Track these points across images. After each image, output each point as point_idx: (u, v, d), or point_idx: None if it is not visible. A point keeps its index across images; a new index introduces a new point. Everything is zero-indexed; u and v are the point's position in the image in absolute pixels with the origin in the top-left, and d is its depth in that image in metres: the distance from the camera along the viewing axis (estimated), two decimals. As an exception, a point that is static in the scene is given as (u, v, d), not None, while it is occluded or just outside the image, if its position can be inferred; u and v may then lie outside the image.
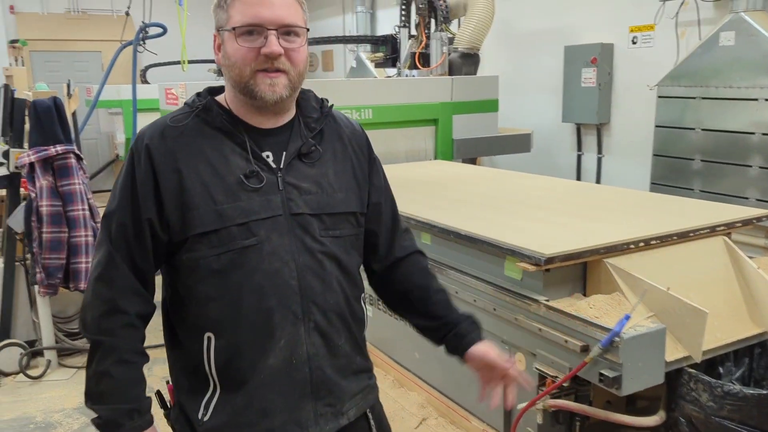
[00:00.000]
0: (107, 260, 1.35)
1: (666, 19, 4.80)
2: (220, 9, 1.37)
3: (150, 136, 1.37)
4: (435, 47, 5.34)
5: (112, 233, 1.36)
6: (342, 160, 1.49)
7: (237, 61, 1.33)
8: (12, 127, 3.82)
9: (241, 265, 1.33)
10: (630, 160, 5.39)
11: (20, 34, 9.53)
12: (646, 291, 1.85)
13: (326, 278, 1.40)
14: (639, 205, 2.70)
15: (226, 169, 1.35)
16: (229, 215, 1.32)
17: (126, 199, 1.35)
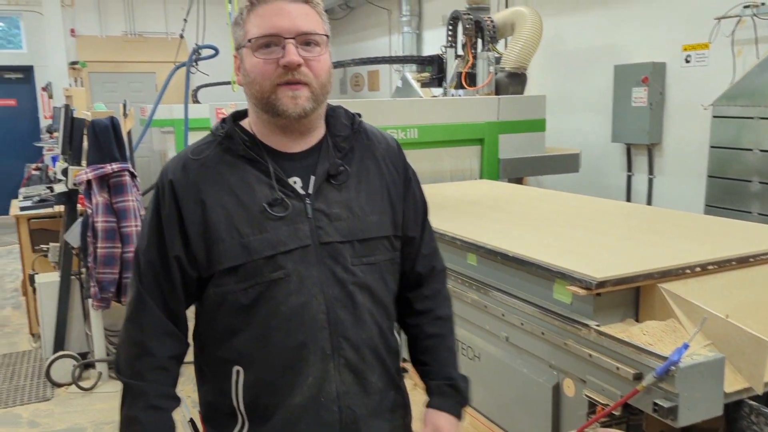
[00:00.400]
0: (137, 301, 1.33)
1: (721, 37, 4.69)
2: (237, 27, 1.33)
3: (173, 171, 1.32)
4: (482, 67, 5.33)
5: (141, 272, 1.33)
6: (375, 179, 1.41)
7: (256, 76, 1.27)
8: (71, 146, 3.97)
9: (268, 298, 1.28)
10: (683, 181, 5.25)
11: (80, 56, 9.94)
12: (706, 319, 1.78)
13: (357, 311, 1.33)
14: (694, 228, 2.62)
15: (251, 198, 1.29)
16: (255, 248, 1.27)
17: (153, 236, 1.32)
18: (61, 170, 3.99)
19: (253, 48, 1.27)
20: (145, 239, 1.34)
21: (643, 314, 2.06)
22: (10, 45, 10.22)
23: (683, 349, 1.65)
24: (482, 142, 4.76)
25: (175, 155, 1.39)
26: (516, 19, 5.48)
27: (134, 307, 1.33)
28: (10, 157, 9.92)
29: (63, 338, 4.08)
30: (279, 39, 1.26)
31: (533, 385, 2.21)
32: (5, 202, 5.87)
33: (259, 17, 1.27)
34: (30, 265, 4.54)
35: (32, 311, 4.70)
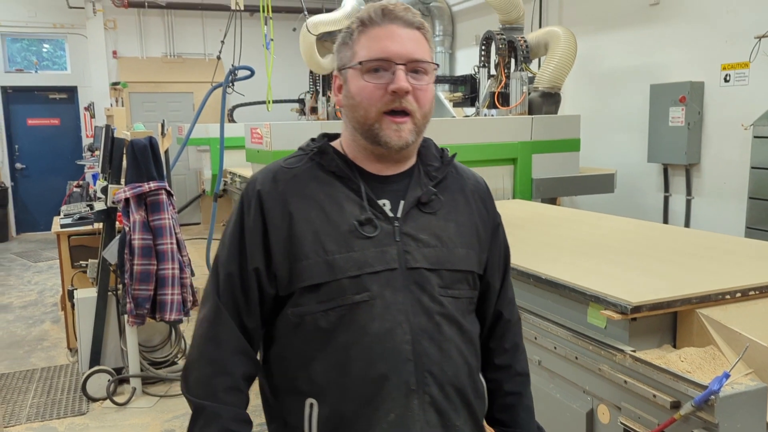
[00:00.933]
0: (214, 315, 1.26)
1: (762, 56, 4.60)
2: (344, 47, 1.29)
3: (262, 181, 1.29)
4: (515, 87, 5.32)
5: (220, 286, 1.27)
6: (464, 214, 1.37)
7: (362, 100, 1.23)
8: (111, 165, 4.06)
9: (349, 322, 1.21)
10: (722, 202, 5.12)
11: (121, 76, 10.23)
12: (747, 347, 1.73)
13: (444, 345, 1.25)
14: (735, 251, 2.55)
15: (340, 216, 1.24)
16: (340, 266, 1.21)
17: (234, 248, 1.27)
18: (101, 188, 4.09)
19: (361, 71, 1.24)
20: (226, 250, 1.28)
21: (681, 340, 2.01)
22: (55, 66, 10.57)
23: (724, 379, 1.60)
24: (515, 162, 4.73)
25: (264, 167, 1.35)
26: (549, 38, 5.46)
27: (211, 321, 1.26)
28: (54, 174, 10.21)
29: (99, 353, 4.15)
30: (389, 64, 1.22)
31: (566, 410, 2.17)
32: (49, 218, 6.04)
33: (370, 39, 1.24)
34: (69, 280, 4.64)
35: (70, 326, 4.79)
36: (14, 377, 4.50)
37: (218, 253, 1.31)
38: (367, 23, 1.26)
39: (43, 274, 7.65)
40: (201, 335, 1.27)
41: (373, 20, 1.25)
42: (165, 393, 4.09)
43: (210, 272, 1.32)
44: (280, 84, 7.20)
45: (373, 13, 1.25)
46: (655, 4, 5.60)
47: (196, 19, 10.71)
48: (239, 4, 6.12)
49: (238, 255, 1.26)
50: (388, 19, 1.24)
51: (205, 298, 1.30)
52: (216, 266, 1.30)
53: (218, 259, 1.30)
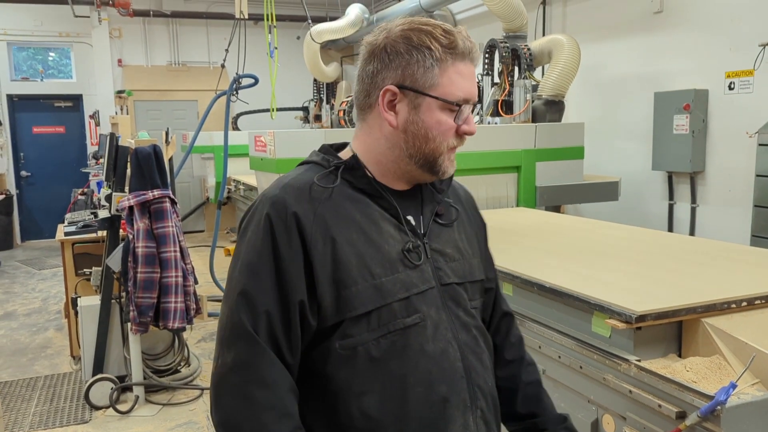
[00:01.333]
0: (257, 357, 1.10)
1: (766, 63, 4.59)
2: (420, 66, 1.17)
3: (295, 201, 1.16)
4: (518, 94, 5.32)
5: (257, 323, 1.11)
6: (467, 223, 1.39)
7: (437, 135, 1.19)
8: (115, 173, 4.07)
9: (403, 348, 1.15)
10: (728, 210, 5.10)
11: (126, 85, 10.29)
12: (755, 357, 1.71)
13: (482, 357, 1.27)
14: (740, 260, 2.53)
15: (380, 237, 1.19)
16: (389, 290, 1.15)
17: (269, 280, 1.13)
18: (105, 196, 4.10)
19: (443, 106, 1.18)
20: (258, 282, 1.13)
21: (686, 350, 1.99)
22: (60, 75, 10.62)
23: (731, 389, 1.58)
24: (519, 170, 4.72)
25: (279, 184, 1.21)
26: (553, 46, 5.46)
27: (254, 362, 1.10)
28: (58, 182, 10.25)
29: (102, 361, 4.14)
30: (465, 106, 1.21)
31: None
32: (53, 226, 6.05)
33: (459, 75, 1.18)
34: (73, 288, 4.65)
35: (73, 334, 4.79)
36: (17, 385, 4.50)
37: (245, 286, 1.14)
38: (458, 54, 1.18)
39: (47, 282, 7.67)
40: (242, 382, 1.10)
41: (463, 54, 1.19)
42: (168, 401, 4.08)
43: (233, 305, 1.14)
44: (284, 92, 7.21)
45: (463, 45, 1.19)
46: (659, 12, 5.61)
47: (201, 28, 10.76)
48: (243, 13, 6.15)
49: (275, 287, 1.13)
50: (471, 57, 1.21)
51: (233, 336, 1.12)
52: (245, 299, 1.13)
53: (246, 292, 1.13)
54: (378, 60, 1.19)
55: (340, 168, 1.22)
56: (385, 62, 1.18)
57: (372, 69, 1.20)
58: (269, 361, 1.11)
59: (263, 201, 1.18)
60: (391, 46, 1.18)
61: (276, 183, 1.22)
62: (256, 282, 1.13)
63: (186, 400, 4.09)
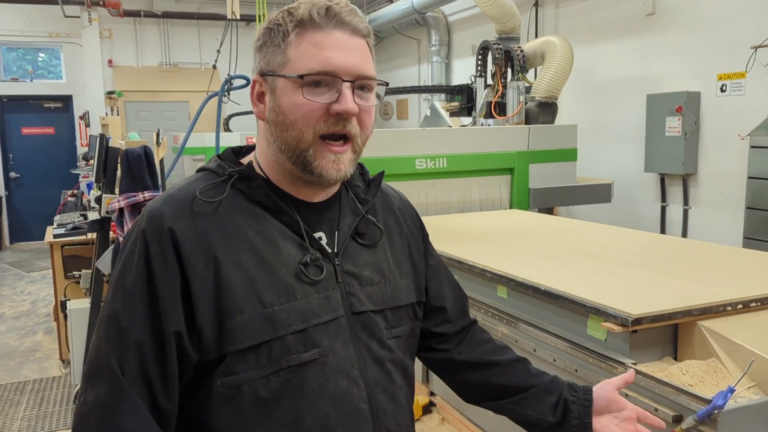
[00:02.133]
0: (115, 399, 0.94)
1: (758, 66, 4.60)
2: (272, 48, 1.04)
3: (173, 216, 1.00)
4: (511, 96, 5.31)
5: (123, 357, 0.95)
6: (398, 238, 1.22)
7: (297, 119, 1.01)
8: (105, 174, 4.03)
9: (298, 388, 1.00)
10: (720, 212, 5.12)
11: (117, 85, 10.21)
12: (753, 361, 1.70)
13: (397, 395, 1.11)
14: (735, 262, 2.53)
15: (276, 258, 1.03)
16: (282, 320, 0.99)
17: (141, 306, 0.96)
18: (95, 198, 4.05)
19: (299, 84, 1.01)
20: (128, 309, 0.96)
21: (682, 353, 1.98)
22: (50, 75, 10.55)
23: (729, 394, 1.57)
24: (512, 172, 4.72)
25: (164, 195, 1.06)
26: (546, 48, 5.46)
27: (110, 408, 0.93)
28: (48, 183, 10.17)
29: (92, 365, 4.09)
30: (334, 80, 1.01)
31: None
32: (43, 228, 6.00)
33: (312, 46, 1.01)
34: (62, 291, 4.60)
35: (63, 337, 4.74)
36: (6, 389, 4.44)
37: (112, 310, 0.97)
38: (306, 24, 1.02)
39: (36, 284, 7.59)
40: (98, 426, 0.94)
41: (315, 21, 1.02)
42: (158, 405, 4.04)
43: (97, 333, 0.98)
44: (277, 93, 7.25)
45: (315, 12, 1.02)
46: (651, 14, 5.62)
47: (192, 29, 10.71)
48: (235, 13, 6.12)
49: (148, 315, 0.96)
50: (334, 23, 1.02)
51: (96, 371, 0.96)
52: (112, 328, 0.97)
53: (115, 319, 0.97)
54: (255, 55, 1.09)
55: (232, 178, 1.06)
56: (256, 55, 1.08)
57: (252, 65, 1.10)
58: (131, 407, 0.94)
59: (143, 214, 1.03)
60: (258, 36, 1.08)
61: (163, 194, 1.07)
62: (127, 308, 0.97)
63: (177, 404, 4.05)
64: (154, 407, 0.96)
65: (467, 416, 3.03)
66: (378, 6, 9.70)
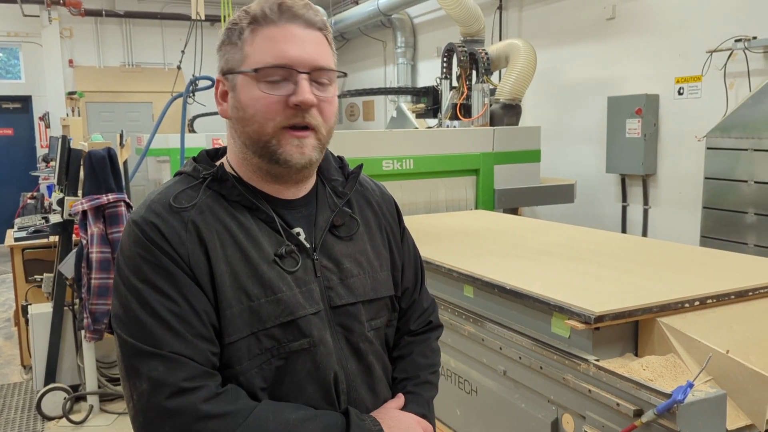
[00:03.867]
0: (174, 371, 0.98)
1: (714, 70, 4.75)
2: (230, 46, 1.08)
3: (158, 216, 1.03)
4: (476, 98, 5.38)
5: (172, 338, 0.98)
6: (377, 231, 1.24)
7: (257, 113, 1.04)
8: (68, 176, 3.96)
9: (288, 376, 1.05)
10: (678, 212, 5.27)
11: (78, 86, 10.00)
12: (711, 357, 1.77)
13: (376, 387, 1.15)
14: (692, 260, 2.61)
15: (258, 253, 1.06)
16: (268, 313, 1.04)
17: (166, 316, 0.99)
18: (57, 200, 3.98)
19: (256, 78, 1.04)
20: (155, 329, 0.99)
21: (643, 349, 2.04)
22: (9, 75, 10.27)
23: (688, 389, 1.63)
24: (477, 173, 4.78)
25: (145, 203, 1.08)
26: (510, 51, 5.55)
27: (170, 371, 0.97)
28: (6, 185, 9.91)
29: (54, 370, 4.02)
30: (290, 72, 1.04)
31: (532, 420, 2.18)
32: (2, 231, 5.86)
33: (266, 41, 1.04)
34: (23, 295, 4.49)
35: (24, 342, 4.64)
36: (-36, 397, 4.33)
37: (137, 307, 1.00)
38: (260, 20, 1.05)
39: (-6, 289, 7.39)
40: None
41: (268, 17, 1.05)
42: (124, 410, 3.98)
43: (128, 384, 1.01)
44: (242, 94, 7.22)
45: (268, 8, 1.05)
46: (612, 19, 5.75)
47: (156, 28, 10.55)
48: (200, 14, 6.06)
49: (178, 324, 1.00)
50: (287, 17, 1.05)
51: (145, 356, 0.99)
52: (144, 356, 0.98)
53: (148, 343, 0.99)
54: None
55: (206, 180, 1.09)
56: (217, 56, 1.11)
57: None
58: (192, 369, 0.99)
59: (130, 225, 1.05)
60: (219, 37, 1.11)
61: (142, 203, 1.10)
62: (153, 330, 0.99)
63: (143, 409, 4.00)
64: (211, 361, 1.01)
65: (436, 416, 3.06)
66: (344, 7, 9.70)
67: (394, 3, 8.00)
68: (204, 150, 1.20)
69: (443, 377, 2.69)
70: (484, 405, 2.45)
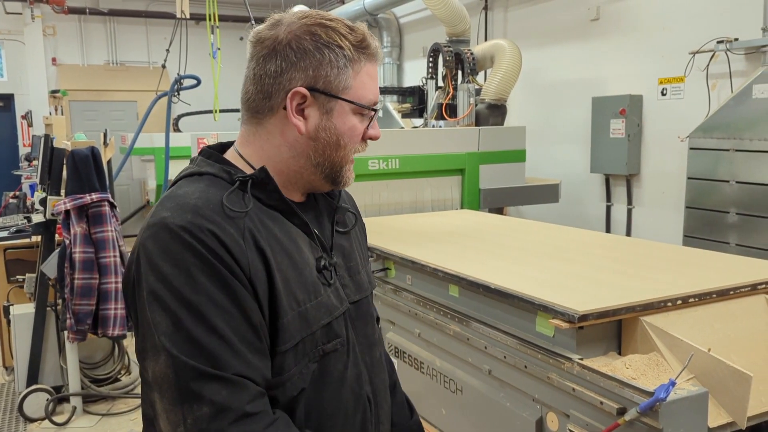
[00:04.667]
0: (234, 399, 0.95)
1: (696, 71, 4.80)
2: (333, 68, 1.06)
3: (212, 222, 0.98)
4: (462, 98, 5.40)
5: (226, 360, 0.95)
6: (358, 229, 1.31)
7: (349, 142, 1.10)
8: (50, 175, 3.92)
9: (320, 377, 1.07)
10: (662, 211, 5.32)
11: (61, 84, 9.90)
12: (693, 355, 1.79)
13: (383, 375, 1.21)
14: (675, 260, 2.64)
15: (300, 257, 1.08)
16: (313, 317, 1.06)
17: (225, 318, 0.96)
18: (40, 200, 3.94)
19: (353, 110, 1.09)
20: (215, 348, 0.95)
21: (626, 347, 2.06)
22: (-10, 73, 10.16)
23: (670, 387, 1.64)
24: (463, 173, 4.79)
25: (179, 205, 1.00)
26: (495, 51, 5.57)
27: (230, 410, 0.94)
28: (-13, 185, 9.79)
29: (37, 371, 3.98)
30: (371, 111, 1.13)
31: (516, 419, 2.19)
32: (-19, 231, 5.77)
33: (369, 78, 1.10)
34: (5, 296, 4.44)
35: (5, 343, 4.59)
36: (-56, 399, 4.27)
37: (196, 324, 0.95)
38: (372, 56, 1.10)
39: (-25, 290, 7.29)
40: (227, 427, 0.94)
41: (374, 54, 1.10)
42: (107, 411, 3.95)
43: (177, 356, 0.95)
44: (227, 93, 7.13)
45: (373, 44, 1.10)
46: (596, 20, 5.79)
47: (140, 27, 10.47)
48: (185, 12, 6.02)
49: (238, 315, 0.98)
50: (375, 55, 1.11)
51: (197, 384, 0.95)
52: (200, 342, 0.95)
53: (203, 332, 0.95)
54: (282, 58, 1.04)
55: (248, 183, 1.06)
56: (292, 61, 1.04)
57: (274, 68, 1.05)
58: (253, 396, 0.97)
59: (172, 231, 0.97)
60: (296, 42, 1.04)
61: (173, 206, 1.00)
62: (212, 315, 0.96)
63: (127, 410, 3.97)
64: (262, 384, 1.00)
65: (421, 414, 3.07)
66: (330, 7, 9.69)
67: (380, 3, 8.00)
68: (207, 148, 1.15)
69: (429, 376, 2.70)
70: (469, 404, 2.46)
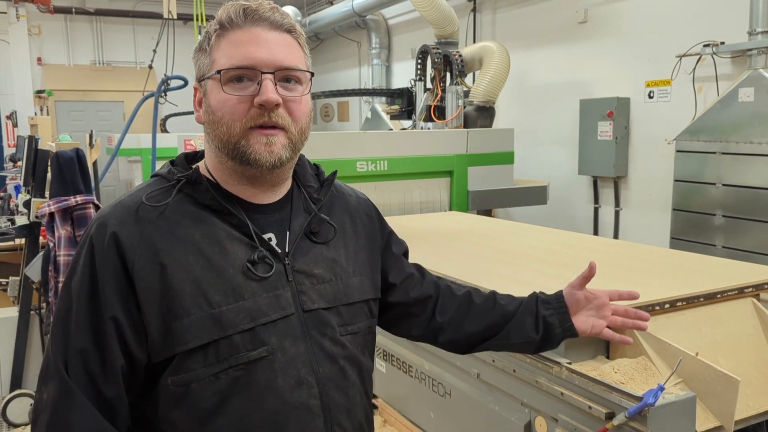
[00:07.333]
0: (62, 397, 0.99)
1: (683, 74, 4.83)
2: (201, 53, 1.12)
3: (119, 221, 1.05)
4: (450, 100, 5.40)
5: (68, 358, 1.00)
6: (353, 236, 1.25)
7: (224, 114, 1.06)
8: (34, 177, 3.87)
9: (246, 386, 1.04)
10: (648, 213, 5.34)
11: (46, 84, 9.82)
12: (681, 360, 1.79)
13: (350, 390, 1.15)
14: (662, 263, 2.65)
15: (223, 259, 1.06)
16: (229, 320, 1.04)
17: (86, 310, 1.02)
18: (23, 202, 3.89)
19: (222, 81, 1.07)
20: (77, 311, 1.02)
21: (614, 351, 2.06)
22: (-27, 72, 10.04)
23: (659, 392, 1.64)
24: (451, 175, 4.79)
25: (114, 201, 1.10)
26: (484, 53, 5.58)
27: (58, 406, 0.99)
28: (-30, 186, 9.68)
29: (21, 376, 3.93)
30: (255, 73, 1.06)
31: (505, 423, 2.19)
32: (-36, 233, 5.70)
33: (231, 45, 1.07)
34: (-13, 299, 4.39)
35: (-11, 347, 4.53)
36: (-75, 404, 4.20)
37: (63, 316, 1.03)
38: (226, 25, 1.09)
39: (-42, 292, 7.20)
40: (47, 424, 1.00)
41: (234, 22, 1.08)
42: (93, 416, 3.91)
43: (49, 342, 1.05)
44: (215, 94, 7.19)
45: (234, 14, 1.08)
46: (584, 23, 5.81)
47: (127, 26, 10.40)
48: (172, 12, 5.98)
49: (93, 318, 1.01)
50: (252, 20, 1.08)
51: (47, 371, 1.02)
52: (58, 330, 1.03)
53: (61, 321, 1.04)
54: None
55: (180, 183, 1.10)
56: (194, 64, 1.15)
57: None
58: (78, 405, 0.99)
59: (93, 221, 1.08)
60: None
61: (114, 200, 1.12)
62: (75, 311, 1.02)
63: (112, 415, 3.93)
64: (99, 399, 1.01)
65: (409, 418, 3.06)
66: (318, 8, 9.67)
67: (369, 4, 7.99)
68: (183, 153, 1.20)
69: (417, 380, 2.69)
70: (457, 408, 2.45)
